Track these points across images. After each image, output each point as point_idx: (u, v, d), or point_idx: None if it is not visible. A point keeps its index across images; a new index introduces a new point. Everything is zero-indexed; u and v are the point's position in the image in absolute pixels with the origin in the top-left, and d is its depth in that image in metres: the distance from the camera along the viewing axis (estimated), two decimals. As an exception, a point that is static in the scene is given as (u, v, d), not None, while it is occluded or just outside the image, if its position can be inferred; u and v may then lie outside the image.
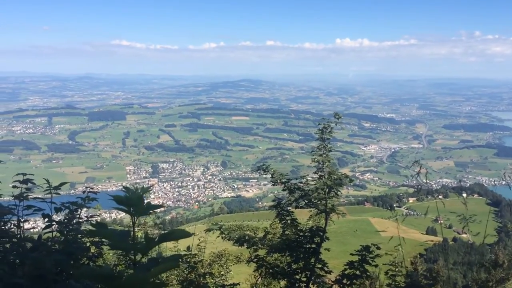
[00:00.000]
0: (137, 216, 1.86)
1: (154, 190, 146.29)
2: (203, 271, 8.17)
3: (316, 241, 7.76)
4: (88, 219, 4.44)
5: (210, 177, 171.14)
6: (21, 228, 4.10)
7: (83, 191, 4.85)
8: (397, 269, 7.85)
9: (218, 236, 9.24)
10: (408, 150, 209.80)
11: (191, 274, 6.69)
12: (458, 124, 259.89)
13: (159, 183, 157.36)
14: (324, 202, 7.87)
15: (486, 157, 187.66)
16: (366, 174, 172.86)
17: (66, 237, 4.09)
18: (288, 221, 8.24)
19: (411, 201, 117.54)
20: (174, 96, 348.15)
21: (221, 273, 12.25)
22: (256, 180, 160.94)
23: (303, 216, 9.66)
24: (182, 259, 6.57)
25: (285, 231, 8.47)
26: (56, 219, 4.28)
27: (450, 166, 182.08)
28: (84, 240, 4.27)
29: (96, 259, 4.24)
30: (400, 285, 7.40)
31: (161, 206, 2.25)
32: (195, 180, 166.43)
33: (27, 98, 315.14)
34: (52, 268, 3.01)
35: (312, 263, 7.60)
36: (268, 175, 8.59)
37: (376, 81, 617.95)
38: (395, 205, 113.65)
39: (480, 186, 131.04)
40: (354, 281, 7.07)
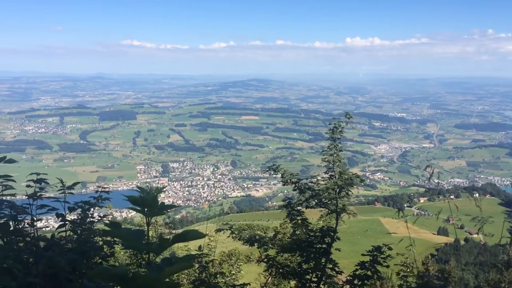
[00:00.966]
0: (151, 216, 1.88)
1: (164, 190, 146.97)
2: (214, 270, 8.20)
3: (326, 241, 7.74)
4: (101, 219, 4.47)
5: (220, 176, 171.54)
6: (35, 227, 4.14)
7: (95, 191, 4.89)
8: (408, 270, 7.80)
9: (228, 236, 9.24)
10: (419, 149, 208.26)
11: (202, 273, 6.71)
12: (470, 123, 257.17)
13: (169, 182, 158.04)
14: (335, 202, 7.84)
15: (499, 157, 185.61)
16: (377, 174, 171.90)
17: (79, 236, 4.13)
18: (299, 221, 8.22)
19: (422, 201, 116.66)
20: (184, 96, 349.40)
21: (232, 272, 12.27)
22: (265, 180, 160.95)
23: (313, 216, 9.63)
24: (195, 259, 6.59)
25: (296, 231, 8.45)
26: (69, 218, 4.32)
27: (462, 166, 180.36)
28: (96, 239, 4.30)
29: (109, 259, 4.28)
30: (411, 286, 7.35)
31: (174, 206, 2.26)
32: (205, 179, 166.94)
33: (39, 98, 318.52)
34: (66, 267, 3.04)
35: (323, 263, 7.57)
36: (278, 175, 8.58)
37: (386, 80, 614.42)
38: (405, 205, 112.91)
39: (492, 186, 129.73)
40: (365, 281, 7.03)
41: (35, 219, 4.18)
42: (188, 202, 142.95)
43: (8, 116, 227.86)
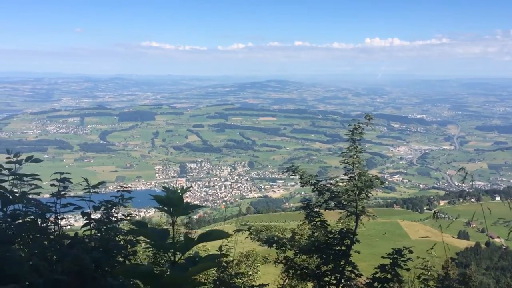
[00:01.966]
0: (177, 216, 1.91)
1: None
2: (232, 271, 8.21)
3: (346, 243, 7.68)
4: (125, 218, 4.53)
5: (237, 177, 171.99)
6: (59, 225, 4.22)
7: (117, 190, 4.97)
8: (429, 273, 7.69)
9: (247, 237, 9.26)
10: (439, 151, 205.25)
11: (222, 274, 6.74)
12: (492, 125, 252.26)
13: (187, 182, 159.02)
14: (355, 204, 7.78)
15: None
16: (395, 176, 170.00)
17: (103, 235, 4.19)
18: (318, 223, 8.18)
19: (442, 203, 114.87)
20: (202, 97, 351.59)
21: (249, 273, 12.28)
22: (283, 181, 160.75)
23: (331, 217, 9.58)
24: (219, 259, 6.61)
25: (314, 233, 8.41)
26: (93, 217, 4.39)
27: (483, 168, 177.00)
28: (119, 238, 4.37)
29: (131, 257, 4.33)
30: (432, 290, 7.24)
31: (199, 207, 2.29)
32: (222, 180, 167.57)
33: (61, 98, 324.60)
34: (90, 265, 3.09)
35: (342, 266, 7.52)
36: (296, 176, 8.55)
37: (406, 81, 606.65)
38: (425, 208, 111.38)
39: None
40: (385, 285, 6.95)
41: (59, 217, 4.27)
42: (205, 203, 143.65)
43: (30, 117, 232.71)
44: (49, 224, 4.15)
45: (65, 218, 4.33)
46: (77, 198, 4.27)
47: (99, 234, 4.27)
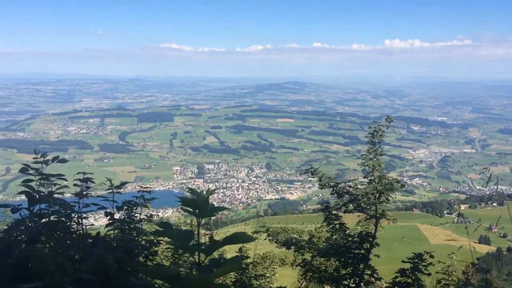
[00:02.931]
0: (202, 218, 1.92)
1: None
2: (251, 273, 8.22)
3: (365, 246, 7.62)
4: (147, 218, 4.58)
5: (255, 178, 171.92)
6: (81, 225, 4.30)
7: (138, 190, 5.03)
8: (450, 278, 7.57)
9: (265, 239, 9.25)
10: (460, 155, 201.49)
11: (242, 276, 6.75)
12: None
13: (204, 183, 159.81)
14: (374, 207, 7.72)
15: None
16: (415, 179, 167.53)
17: (125, 234, 4.25)
18: (337, 226, 8.14)
19: (463, 208, 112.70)
20: (220, 98, 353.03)
21: (266, 275, 12.27)
22: (300, 183, 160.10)
23: (348, 220, 9.53)
24: (242, 262, 6.65)
25: (333, 236, 8.37)
26: (116, 217, 4.45)
27: (506, 172, 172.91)
28: (140, 238, 4.42)
29: (153, 258, 4.38)
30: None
31: (225, 209, 2.28)
32: (240, 181, 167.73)
33: (82, 99, 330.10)
34: (114, 265, 3.14)
35: (361, 269, 7.46)
36: (313, 178, 8.53)
37: (426, 83, 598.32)
38: (445, 212, 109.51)
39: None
40: (405, 289, 6.87)
41: (82, 216, 4.34)
42: (223, 204, 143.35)
43: (52, 117, 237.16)
44: (71, 223, 4.23)
45: (87, 217, 4.40)
46: (101, 198, 4.34)
47: (120, 234, 4.33)
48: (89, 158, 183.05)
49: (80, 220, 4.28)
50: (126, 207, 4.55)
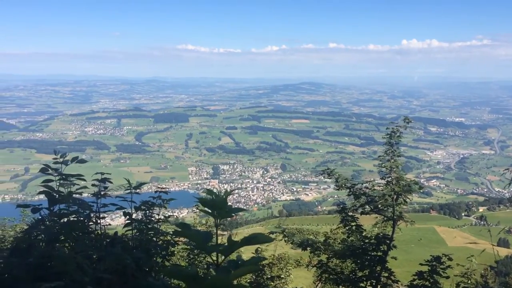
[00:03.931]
0: (221, 219, 1.91)
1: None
2: (267, 274, 8.21)
3: (382, 248, 7.54)
4: (165, 218, 4.61)
5: (270, 179, 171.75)
6: (100, 225, 4.34)
7: (155, 191, 5.05)
8: (469, 281, 7.44)
9: (281, 239, 9.23)
10: (478, 156, 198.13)
11: (259, 277, 6.75)
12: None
13: (219, 184, 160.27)
14: (392, 209, 7.63)
15: None
16: (432, 181, 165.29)
17: (143, 235, 4.28)
18: (353, 227, 8.08)
19: (481, 210, 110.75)
20: (235, 99, 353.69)
21: (281, 276, 12.25)
22: (315, 184, 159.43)
23: (364, 222, 9.45)
24: (261, 263, 6.65)
25: (349, 237, 8.31)
26: (134, 217, 4.48)
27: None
28: (158, 238, 4.44)
29: (169, 258, 4.40)
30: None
31: (242, 210, 2.33)
32: (255, 182, 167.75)
33: (99, 100, 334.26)
34: (132, 264, 3.16)
35: (378, 271, 7.38)
36: (329, 179, 8.47)
37: (444, 83, 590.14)
38: (463, 214, 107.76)
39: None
40: (423, 292, 6.77)
41: (100, 216, 4.39)
42: (238, 205, 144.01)
43: (70, 118, 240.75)
44: (90, 223, 4.27)
45: (104, 217, 4.44)
46: (119, 198, 4.37)
47: (138, 234, 4.36)
48: (105, 158, 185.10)
49: (98, 220, 4.33)
50: (144, 208, 4.58)
